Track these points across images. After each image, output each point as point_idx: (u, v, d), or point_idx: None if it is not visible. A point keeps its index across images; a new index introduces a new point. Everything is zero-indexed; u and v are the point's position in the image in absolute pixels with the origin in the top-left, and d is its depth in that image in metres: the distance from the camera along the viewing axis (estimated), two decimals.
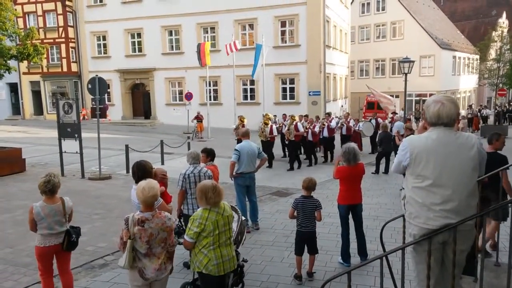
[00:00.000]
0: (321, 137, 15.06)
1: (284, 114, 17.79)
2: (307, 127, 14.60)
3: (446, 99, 2.97)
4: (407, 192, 3.04)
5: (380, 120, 17.64)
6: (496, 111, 30.12)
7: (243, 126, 13.08)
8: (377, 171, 12.60)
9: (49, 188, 4.44)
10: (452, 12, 51.06)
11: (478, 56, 42.65)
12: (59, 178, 4.58)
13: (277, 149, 15.24)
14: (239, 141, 10.93)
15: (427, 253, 2.90)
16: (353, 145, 5.95)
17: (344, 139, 15.15)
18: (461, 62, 41.28)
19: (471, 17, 50.64)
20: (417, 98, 35.59)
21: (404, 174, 3.24)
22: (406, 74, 16.57)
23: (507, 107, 31.23)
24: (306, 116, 16.22)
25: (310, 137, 14.62)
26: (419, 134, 3.22)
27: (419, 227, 2.93)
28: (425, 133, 3.04)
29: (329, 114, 17.52)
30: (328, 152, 15.32)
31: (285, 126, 14.99)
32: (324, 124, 15.25)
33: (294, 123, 13.92)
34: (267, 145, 13.90)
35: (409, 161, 2.97)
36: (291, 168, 13.56)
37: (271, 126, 14.31)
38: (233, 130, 14.71)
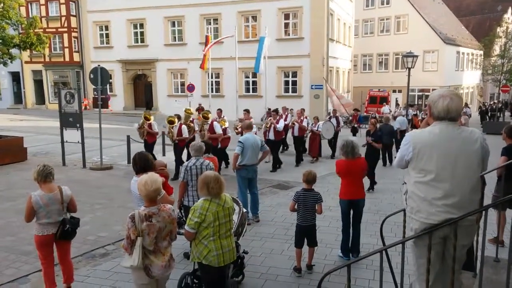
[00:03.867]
0: (267, 138, 12.15)
1: (284, 107, 15.83)
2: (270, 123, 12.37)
3: (453, 94, 2.96)
4: (409, 187, 3.03)
5: (340, 118, 15.73)
6: (480, 109, 29.99)
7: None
8: (384, 163, 13.10)
9: (47, 173, 4.46)
10: (457, 7, 50.64)
11: (482, 52, 42.48)
12: (52, 167, 4.59)
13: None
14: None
15: (427, 248, 2.90)
16: (352, 138, 5.96)
17: (297, 141, 13.14)
18: (465, 57, 41.06)
19: (476, 12, 50.25)
20: (420, 93, 35.46)
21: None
22: (409, 69, 16.48)
23: (492, 106, 30.65)
24: (275, 111, 13.82)
25: (271, 136, 12.33)
26: (421, 129, 3.19)
27: (421, 221, 2.93)
28: (428, 128, 3.02)
29: (276, 112, 13.41)
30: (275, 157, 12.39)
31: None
32: (268, 126, 12.50)
33: (209, 122, 11.15)
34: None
35: (412, 155, 2.96)
36: (274, 169, 12.13)
37: (180, 125, 11.12)
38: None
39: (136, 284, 3.76)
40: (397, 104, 28.17)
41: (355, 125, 18.33)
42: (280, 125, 12.54)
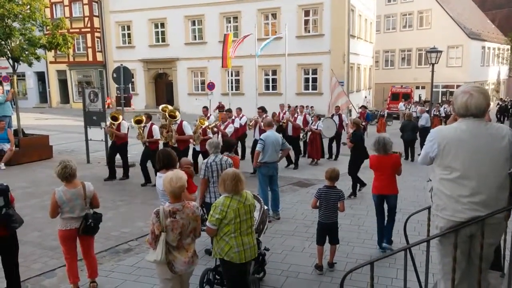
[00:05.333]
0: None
1: (281, 105, 15.00)
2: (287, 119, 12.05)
3: (475, 90, 2.86)
4: (434, 184, 2.97)
5: (344, 116, 14.38)
6: (498, 106, 28.84)
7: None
8: (406, 158, 13.37)
9: (69, 173, 4.54)
10: (483, 0, 49.27)
11: (509, 46, 41.22)
12: (74, 163, 4.67)
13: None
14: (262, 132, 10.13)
15: (453, 246, 2.83)
16: (384, 135, 6.16)
17: (292, 142, 11.17)
18: (491, 52, 39.93)
19: (503, 6, 48.73)
20: (444, 90, 34.73)
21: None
22: (433, 64, 16.14)
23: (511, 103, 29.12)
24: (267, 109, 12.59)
25: (290, 132, 12.11)
26: (447, 125, 3.12)
27: (446, 219, 2.86)
28: (454, 124, 2.95)
29: (262, 109, 12.06)
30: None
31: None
32: (252, 125, 11.78)
33: (177, 122, 9.81)
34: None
35: (437, 152, 2.89)
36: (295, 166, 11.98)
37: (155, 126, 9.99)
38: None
39: (160, 278, 3.83)
40: (408, 101, 26.86)
41: (363, 123, 17.30)
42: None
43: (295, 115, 12.68)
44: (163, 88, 31.58)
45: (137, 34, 30.41)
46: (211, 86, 24.45)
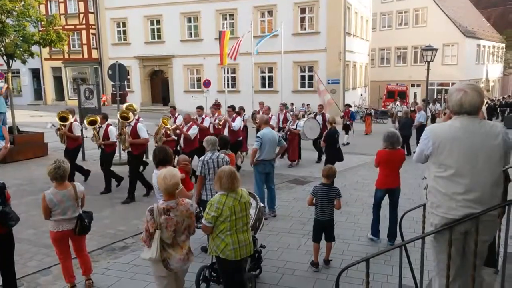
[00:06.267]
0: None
1: (261, 103, 13.92)
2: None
3: (469, 87, 2.88)
4: (429, 182, 2.99)
5: (328, 116, 12.27)
6: (487, 105, 28.86)
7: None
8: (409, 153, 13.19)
9: (60, 174, 4.49)
10: None
11: (504, 45, 41.44)
12: (68, 165, 4.64)
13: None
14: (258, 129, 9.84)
15: (448, 243, 2.86)
16: (393, 130, 6.28)
17: None
18: (486, 50, 40.11)
19: (498, 4, 48.97)
20: (439, 88, 34.84)
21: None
22: (428, 62, 16.19)
23: (501, 101, 29.00)
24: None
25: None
26: (442, 123, 3.14)
27: (441, 216, 2.88)
28: (449, 122, 2.97)
29: (232, 108, 11.37)
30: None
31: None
32: (221, 124, 10.80)
33: (131, 124, 8.71)
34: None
35: (432, 150, 2.91)
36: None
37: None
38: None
39: (155, 276, 3.83)
40: (394, 100, 26.46)
41: (347, 122, 16.54)
42: (236, 123, 10.55)
43: (270, 115, 11.21)
44: (159, 86, 31.47)
45: (132, 31, 30.26)
46: (207, 83, 24.39)
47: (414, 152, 3.35)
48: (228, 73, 25.89)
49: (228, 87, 25.16)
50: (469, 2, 46.21)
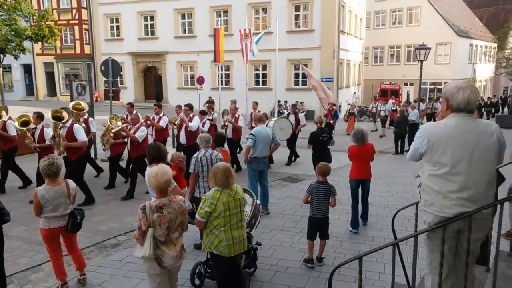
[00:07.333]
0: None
1: (233, 100, 12.91)
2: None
3: (471, 86, 2.93)
4: (423, 180, 2.99)
5: (301, 116, 12.62)
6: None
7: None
8: (397, 152, 14.05)
9: (53, 171, 4.46)
10: None
11: (496, 45, 41.76)
12: (61, 162, 4.60)
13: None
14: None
15: (441, 241, 2.87)
16: (362, 127, 6.90)
17: (230, 145, 10.45)
18: (478, 50, 40.41)
19: (491, 4, 49.29)
20: (432, 86, 35.05)
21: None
22: (421, 61, 16.26)
23: (486, 101, 29.16)
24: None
25: (230, 134, 10.78)
26: (436, 121, 3.15)
27: (434, 215, 2.89)
28: (443, 120, 2.97)
29: (190, 107, 9.74)
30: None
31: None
32: (175, 124, 10.04)
33: (67, 125, 7.92)
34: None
35: (427, 148, 2.91)
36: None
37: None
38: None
39: (148, 274, 3.80)
40: (385, 99, 25.85)
41: (330, 121, 16.32)
42: (194, 124, 9.38)
43: (236, 115, 11.03)
44: (152, 82, 31.29)
45: (125, 26, 30.04)
46: (201, 80, 24.31)
47: (406, 151, 3.35)
48: (222, 70, 25.83)
49: (222, 84, 25.12)
50: (462, 1, 46.48)
